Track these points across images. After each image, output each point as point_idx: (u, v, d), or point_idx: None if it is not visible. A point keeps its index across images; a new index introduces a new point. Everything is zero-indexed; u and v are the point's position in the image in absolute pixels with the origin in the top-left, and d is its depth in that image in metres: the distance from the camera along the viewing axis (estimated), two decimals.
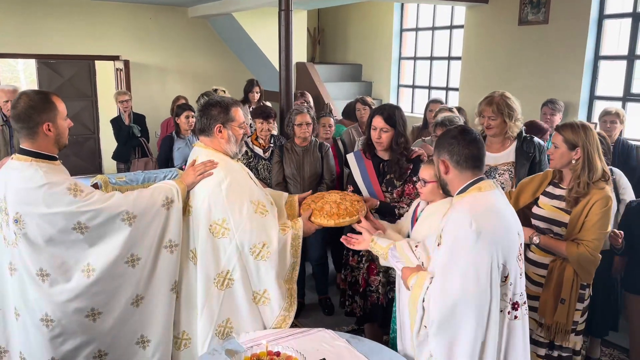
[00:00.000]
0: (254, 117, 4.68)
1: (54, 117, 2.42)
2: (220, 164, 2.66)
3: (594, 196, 2.70)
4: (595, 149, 2.73)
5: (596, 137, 2.77)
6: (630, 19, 5.38)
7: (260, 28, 7.80)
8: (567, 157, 2.77)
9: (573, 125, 2.77)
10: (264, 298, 2.68)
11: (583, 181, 2.71)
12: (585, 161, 2.72)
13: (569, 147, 2.75)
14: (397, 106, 3.40)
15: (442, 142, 2.27)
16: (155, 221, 2.55)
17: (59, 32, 7.72)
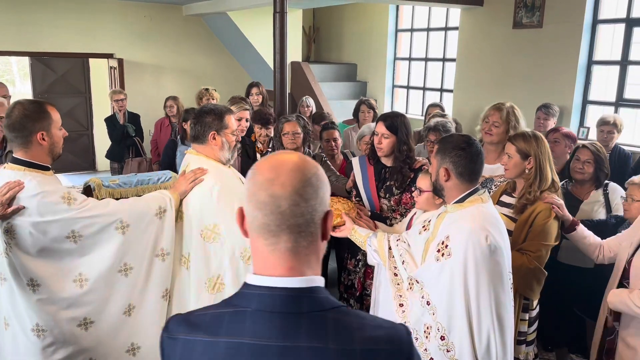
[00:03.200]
0: (253, 121, 4.51)
1: (48, 126, 2.42)
2: (210, 171, 2.69)
3: (538, 206, 2.72)
4: (546, 159, 2.77)
5: (547, 147, 2.81)
6: (624, 25, 5.40)
7: (255, 27, 7.79)
8: (521, 166, 2.80)
9: (525, 135, 2.80)
10: None
11: (533, 190, 2.75)
12: (536, 170, 2.75)
13: (521, 156, 2.78)
14: (402, 114, 3.40)
15: (446, 150, 2.28)
16: (148, 230, 2.58)
17: (53, 30, 7.68)
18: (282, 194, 1.06)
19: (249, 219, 1.11)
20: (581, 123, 5.83)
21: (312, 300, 1.06)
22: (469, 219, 2.16)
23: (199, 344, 1.07)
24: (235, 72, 8.98)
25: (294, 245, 1.08)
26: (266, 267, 1.09)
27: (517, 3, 6.10)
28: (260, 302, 1.05)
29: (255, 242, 1.10)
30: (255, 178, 1.09)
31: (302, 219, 1.07)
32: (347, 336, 1.04)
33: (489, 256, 2.09)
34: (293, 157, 1.12)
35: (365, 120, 5.43)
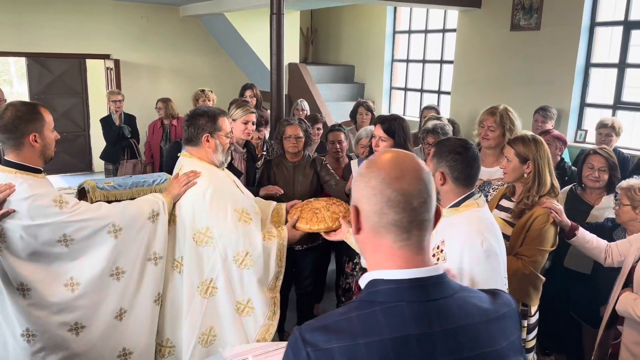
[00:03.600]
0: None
1: (41, 128, 2.40)
2: (203, 173, 2.68)
3: (536, 211, 2.69)
4: (545, 163, 2.73)
5: (547, 151, 2.77)
6: (622, 27, 5.39)
7: (252, 28, 7.76)
8: (519, 170, 2.76)
9: (524, 139, 2.77)
10: (247, 308, 2.69)
11: (532, 194, 2.71)
12: (535, 174, 2.72)
13: (520, 160, 2.75)
14: (400, 117, 3.38)
15: (443, 154, 2.28)
16: (140, 234, 2.56)
17: (49, 30, 7.64)
18: (413, 191, 1.09)
19: (372, 217, 1.12)
20: (579, 126, 5.81)
21: (444, 286, 1.11)
22: (465, 223, 2.14)
23: (362, 347, 1.03)
24: (232, 74, 8.95)
25: (422, 240, 1.12)
26: (394, 261, 1.11)
27: (514, 5, 6.09)
28: (410, 294, 1.07)
29: (380, 239, 1.12)
30: (380, 176, 1.10)
31: (429, 214, 1.12)
32: (480, 310, 1.12)
33: (485, 261, 2.06)
34: (406, 154, 1.16)
35: (363, 122, 5.41)
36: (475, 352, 1.09)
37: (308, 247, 3.78)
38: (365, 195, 1.12)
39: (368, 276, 1.13)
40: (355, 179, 1.16)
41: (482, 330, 1.11)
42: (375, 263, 1.14)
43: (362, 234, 1.15)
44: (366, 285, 1.12)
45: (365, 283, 1.13)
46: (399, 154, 1.15)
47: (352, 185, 1.19)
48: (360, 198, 1.14)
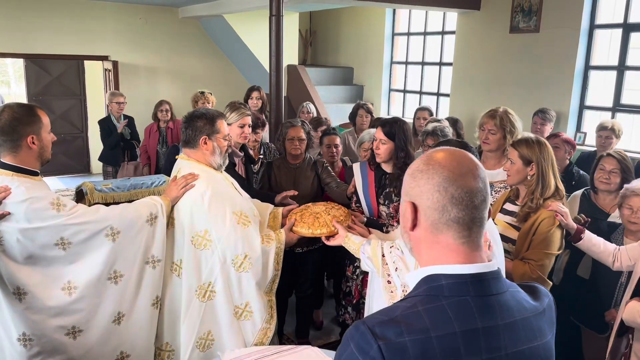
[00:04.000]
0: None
1: (38, 130, 2.38)
2: (201, 176, 2.67)
3: (542, 214, 2.66)
4: (549, 165, 2.70)
5: (551, 153, 2.74)
6: (621, 30, 5.39)
7: (251, 30, 7.75)
8: (523, 173, 2.74)
9: (528, 141, 2.74)
10: (246, 312, 2.68)
11: (536, 197, 2.68)
12: (539, 177, 2.69)
13: (524, 162, 2.72)
14: (402, 120, 3.37)
15: None
16: (138, 237, 2.54)
17: (47, 32, 7.62)
18: (475, 189, 1.12)
19: (432, 214, 1.13)
20: (578, 128, 5.81)
21: (501, 281, 1.14)
22: None
23: (433, 340, 1.05)
24: (231, 75, 8.94)
25: (480, 236, 1.15)
26: (455, 257, 1.13)
27: (514, 7, 6.09)
28: (474, 289, 1.10)
29: (439, 235, 1.14)
30: (444, 173, 1.12)
31: (486, 212, 1.15)
32: (530, 304, 1.17)
33: None
34: (463, 152, 1.18)
35: (362, 124, 5.38)
36: (531, 344, 1.14)
37: (308, 250, 3.76)
38: (426, 192, 1.13)
39: (424, 271, 1.14)
40: (412, 176, 1.16)
41: (533, 323, 1.15)
42: (432, 259, 1.15)
43: (417, 230, 1.16)
44: (424, 280, 1.13)
45: (419, 278, 1.15)
46: (456, 152, 1.17)
47: (406, 182, 1.19)
48: (419, 194, 1.14)
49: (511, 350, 1.10)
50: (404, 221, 1.19)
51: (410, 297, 1.13)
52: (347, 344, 1.07)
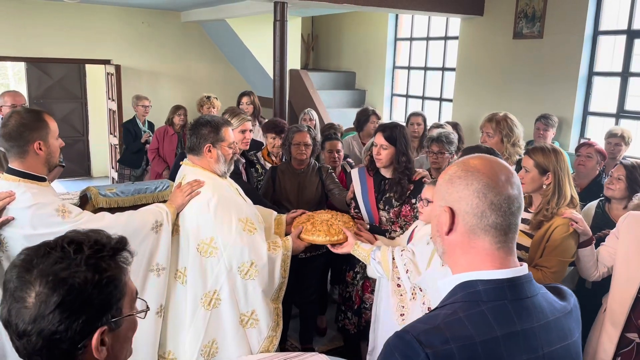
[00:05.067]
0: (265, 132, 4.34)
1: (46, 136, 2.37)
2: (207, 183, 2.66)
3: (555, 221, 2.64)
4: (566, 175, 2.69)
5: (567, 162, 2.73)
6: (625, 36, 5.38)
7: (254, 35, 7.74)
8: (538, 181, 2.72)
9: (544, 149, 2.73)
10: (252, 320, 2.67)
11: (552, 207, 2.67)
12: (555, 186, 2.67)
13: (540, 171, 2.70)
14: (401, 125, 3.36)
15: None
16: (143, 245, 2.52)
17: (49, 35, 7.60)
18: (512, 196, 1.15)
19: (470, 219, 1.15)
20: (582, 134, 5.79)
21: (533, 284, 1.17)
22: None
23: (478, 346, 1.07)
24: (233, 80, 8.92)
25: (514, 242, 1.18)
26: (492, 262, 1.15)
27: (517, 13, 6.08)
28: (511, 293, 1.12)
29: (475, 240, 1.16)
30: (483, 180, 1.15)
31: (520, 219, 1.18)
32: (560, 305, 1.20)
33: None
34: (499, 160, 1.21)
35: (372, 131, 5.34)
36: (563, 343, 1.18)
37: (312, 255, 3.75)
38: (465, 197, 1.15)
39: (459, 278, 1.17)
40: (450, 182, 1.18)
41: (564, 323, 1.19)
42: (468, 264, 1.17)
43: (453, 235, 1.19)
44: (460, 287, 1.16)
45: (454, 285, 1.17)
46: (492, 159, 1.20)
47: (443, 187, 1.21)
48: (458, 200, 1.17)
49: (547, 350, 1.14)
50: (438, 226, 1.21)
51: (448, 304, 1.15)
52: (392, 354, 1.08)
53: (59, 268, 1.06)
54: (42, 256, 1.08)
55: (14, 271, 1.08)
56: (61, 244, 1.10)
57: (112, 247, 1.15)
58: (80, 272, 1.07)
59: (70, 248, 1.09)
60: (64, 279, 1.05)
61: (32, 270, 1.06)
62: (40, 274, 1.05)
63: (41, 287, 1.05)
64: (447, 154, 3.89)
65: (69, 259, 1.08)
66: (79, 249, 1.10)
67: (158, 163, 5.92)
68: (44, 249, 1.09)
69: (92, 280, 1.07)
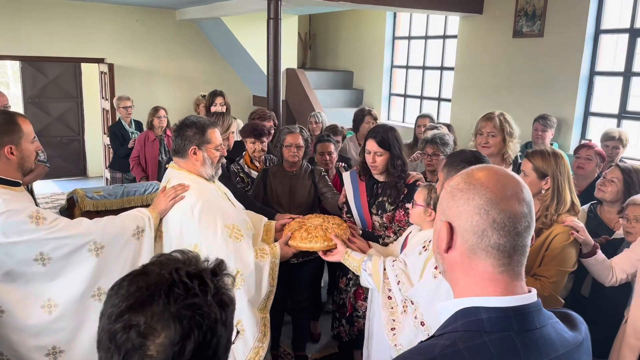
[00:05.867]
0: (243, 137, 4.05)
1: (18, 140, 2.26)
2: (192, 187, 2.56)
3: (555, 229, 2.54)
4: (565, 179, 2.58)
5: (567, 166, 2.62)
6: (627, 35, 5.26)
7: (249, 33, 7.63)
8: (537, 186, 2.60)
9: (544, 153, 2.62)
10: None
11: (550, 213, 2.56)
12: (554, 192, 2.56)
13: (538, 175, 2.60)
14: (391, 127, 3.26)
15: (454, 164, 2.25)
16: (124, 251, 2.42)
17: (43, 34, 7.49)
18: (519, 214, 1.03)
19: (470, 238, 1.05)
20: (582, 135, 5.68)
21: (543, 313, 1.06)
22: None
23: None
24: (230, 79, 8.82)
25: (521, 265, 1.07)
26: (495, 288, 1.04)
27: (517, 11, 5.97)
28: (518, 324, 1.01)
29: (476, 261, 1.05)
30: (486, 195, 1.04)
31: (529, 239, 1.06)
32: (570, 336, 1.09)
33: None
34: (507, 171, 1.09)
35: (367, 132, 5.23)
36: None
37: (304, 261, 3.64)
38: (465, 213, 1.05)
39: (460, 303, 1.06)
40: (451, 194, 1.08)
41: (575, 356, 1.09)
42: (469, 288, 1.07)
43: (453, 254, 1.08)
44: (461, 313, 1.04)
45: (454, 310, 1.06)
46: (500, 172, 1.08)
47: (444, 200, 1.11)
48: (457, 215, 1.06)
49: None
50: (438, 242, 1.11)
51: (447, 332, 1.03)
52: None
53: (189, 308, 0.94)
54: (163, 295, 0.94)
55: (123, 317, 0.93)
56: (180, 279, 0.96)
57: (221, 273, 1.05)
58: (212, 312, 0.96)
59: (193, 283, 0.97)
60: (199, 323, 0.94)
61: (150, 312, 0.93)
62: (168, 317, 0.93)
63: (170, 331, 0.93)
64: (442, 156, 3.79)
65: (196, 296, 0.96)
66: (203, 283, 0.98)
67: (137, 172, 5.62)
68: (160, 286, 0.95)
69: (221, 319, 0.99)
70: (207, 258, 1.06)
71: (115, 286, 0.98)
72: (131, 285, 0.96)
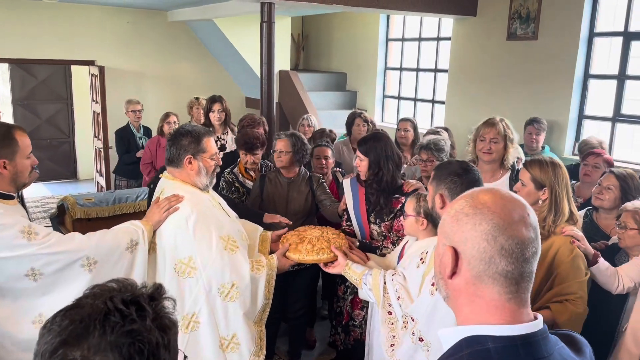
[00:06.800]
0: (237, 147, 4.01)
1: (12, 155, 2.21)
2: (186, 197, 2.51)
3: (555, 241, 2.50)
4: (564, 190, 2.55)
5: (566, 176, 2.59)
6: (621, 38, 5.26)
7: (242, 35, 7.57)
8: (534, 196, 2.58)
9: (542, 163, 2.60)
10: (232, 344, 2.53)
11: (548, 224, 2.53)
12: (552, 202, 2.54)
13: (536, 186, 2.58)
14: (378, 136, 3.25)
15: (442, 176, 2.25)
16: (118, 266, 2.37)
17: (32, 36, 7.37)
18: (528, 239, 1.01)
19: (477, 264, 1.02)
20: (577, 138, 5.67)
21: (550, 340, 1.03)
22: None
23: None
24: (222, 81, 8.75)
25: (528, 292, 1.04)
26: (501, 315, 1.01)
27: (511, 14, 5.96)
28: (525, 353, 0.98)
29: (482, 288, 1.02)
30: (493, 220, 1.01)
31: (535, 265, 1.04)
32: (575, 358, 1.07)
33: None
34: (513, 195, 1.07)
35: (360, 134, 5.17)
36: None
37: (300, 269, 3.61)
38: (471, 239, 1.02)
39: (465, 331, 1.02)
40: (456, 219, 1.05)
41: None
42: (474, 315, 1.03)
43: (457, 279, 1.05)
44: (467, 342, 1.01)
45: (459, 338, 1.02)
46: (506, 195, 1.06)
47: (447, 223, 1.07)
48: (463, 241, 1.03)
49: None
50: (441, 267, 1.06)
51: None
52: None
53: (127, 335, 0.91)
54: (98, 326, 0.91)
55: (57, 353, 0.89)
56: (115, 307, 0.93)
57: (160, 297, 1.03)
58: (153, 337, 0.93)
59: (130, 309, 0.94)
60: (139, 349, 0.91)
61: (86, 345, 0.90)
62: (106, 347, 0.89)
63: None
64: (437, 162, 3.77)
65: (134, 322, 0.92)
66: (141, 308, 0.95)
67: (153, 177, 5.57)
68: (94, 317, 0.91)
69: (164, 343, 0.95)
70: (145, 284, 1.03)
71: (48, 323, 0.94)
72: (64, 320, 0.92)
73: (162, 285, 1.04)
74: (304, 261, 2.69)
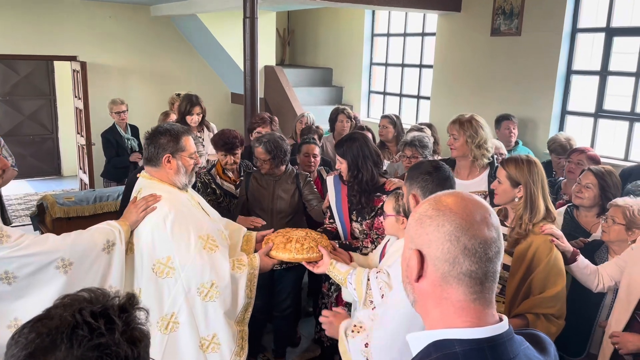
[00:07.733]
0: (214, 147, 3.88)
1: None
2: (164, 197, 2.49)
3: (534, 240, 2.50)
4: (539, 188, 2.55)
5: (542, 174, 2.59)
6: (604, 34, 5.29)
7: (226, 29, 7.50)
8: (510, 194, 2.59)
9: (517, 161, 2.59)
10: (213, 344, 2.51)
11: (524, 222, 2.53)
12: (527, 200, 2.54)
13: (512, 183, 2.58)
14: (356, 137, 3.24)
15: (414, 176, 2.28)
16: (94, 267, 2.34)
17: (12, 31, 7.24)
18: (491, 239, 1.03)
19: (442, 265, 1.03)
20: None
21: (515, 341, 1.05)
22: None
23: None
24: (206, 76, 8.68)
25: (493, 292, 1.05)
26: (467, 318, 1.03)
27: (495, 9, 5.96)
28: (493, 356, 0.99)
29: (448, 289, 1.03)
30: (455, 221, 1.02)
31: (499, 265, 1.05)
32: (540, 357, 1.09)
33: None
34: (474, 197, 1.08)
35: (343, 130, 5.18)
36: None
37: (287, 267, 3.59)
38: (435, 241, 1.03)
39: (433, 335, 1.03)
40: (420, 221, 1.06)
41: None
42: (441, 319, 1.05)
43: (424, 282, 1.06)
44: (434, 346, 1.02)
45: (426, 342, 1.04)
46: (467, 197, 1.08)
47: (412, 227, 1.08)
48: (427, 243, 1.04)
49: None
50: (408, 271, 1.07)
51: None
52: None
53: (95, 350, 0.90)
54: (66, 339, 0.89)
55: None
56: (83, 319, 0.91)
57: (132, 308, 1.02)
58: (121, 350, 0.93)
59: (99, 322, 0.92)
60: None
61: None
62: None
63: None
64: (421, 159, 3.76)
65: (102, 336, 0.91)
66: (110, 321, 0.94)
67: None
68: (62, 330, 0.90)
69: (133, 356, 0.95)
70: (118, 294, 1.01)
71: (16, 334, 0.93)
72: (31, 333, 0.91)
73: (135, 295, 1.02)
74: (295, 260, 2.67)
